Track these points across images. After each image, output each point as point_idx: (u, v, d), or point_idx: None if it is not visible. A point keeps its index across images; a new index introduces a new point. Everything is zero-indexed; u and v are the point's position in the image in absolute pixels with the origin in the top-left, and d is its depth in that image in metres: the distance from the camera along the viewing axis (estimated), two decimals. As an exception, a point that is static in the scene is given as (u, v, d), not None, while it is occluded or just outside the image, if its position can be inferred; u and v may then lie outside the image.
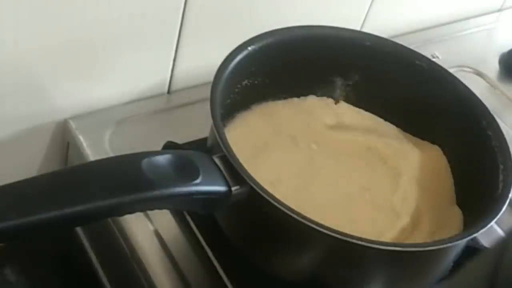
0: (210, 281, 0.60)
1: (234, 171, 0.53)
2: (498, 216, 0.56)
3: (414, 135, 0.70)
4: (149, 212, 0.63)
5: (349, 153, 0.67)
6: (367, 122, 0.71)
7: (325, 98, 0.71)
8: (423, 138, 0.70)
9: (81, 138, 0.69)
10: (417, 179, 0.66)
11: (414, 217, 0.63)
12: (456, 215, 0.64)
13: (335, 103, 0.71)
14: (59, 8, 0.61)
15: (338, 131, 0.69)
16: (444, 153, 0.69)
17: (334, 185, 0.64)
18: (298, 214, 0.52)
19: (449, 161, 0.68)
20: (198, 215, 0.62)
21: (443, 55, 0.90)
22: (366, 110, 0.71)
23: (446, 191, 0.66)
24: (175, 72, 0.74)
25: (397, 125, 0.71)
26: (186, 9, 0.69)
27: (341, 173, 0.65)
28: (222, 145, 0.54)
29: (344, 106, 0.71)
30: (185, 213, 0.63)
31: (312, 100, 0.70)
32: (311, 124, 0.68)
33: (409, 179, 0.66)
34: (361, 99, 0.71)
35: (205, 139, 0.62)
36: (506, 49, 0.94)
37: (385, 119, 0.71)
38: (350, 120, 0.70)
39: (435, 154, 0.69)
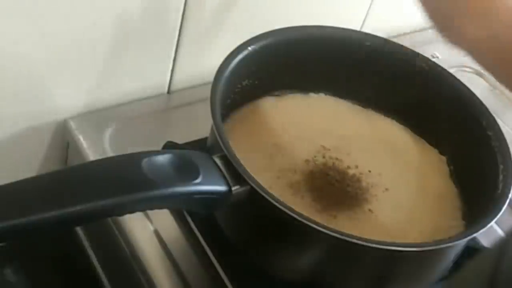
0: (210, 281, 0.60)
1: (234, 171, 0.53)
2: (498, 216, 0.56)
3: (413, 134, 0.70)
4: (149, 212, 0.63)
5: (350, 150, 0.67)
6: (367, 120, 0.71)
7: (326, 97, 0.71)
8: (423, 138, 0.70)
9: (81, 138, 0.69)
10: (415, 178, 0.67)
11: (412, 216, 0.63)
12: (454, 213, 0.64)
13: (335, 102, 0.71)
14: (59, 9, 0.61)
15: (340, 129, 0.69)
16: (444, 153, 0.69)
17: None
18: (298, 213, 0.52)
19: (449, 161, 0.68)
20: (198, 215, 0.62)
21: (443, 55, 0.90)
22: (366, 109, 0.71)
23: (445, 193, 0.67)
24: (175, 72, 0.74)
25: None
26: (186, 9, 0.69)
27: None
28: (222, 145, 0.54)
29: (344, 104, 0.71)
30: (185, 213, 0.63)
31: (313, 99, 0.70)
32: (313, 123, 0.68)
33: (407, 178, 0.66)
34: (361, 98, 0.71)
35: (205, 139, 0.62)
36: (506, 49, 0.94)
37: (385, 119, 0.71)
38: (351, 118, 0.70)
39: (433, 154, 0.69)
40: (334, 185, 0.63)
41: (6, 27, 0.59)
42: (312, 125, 0.68)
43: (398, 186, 0.66)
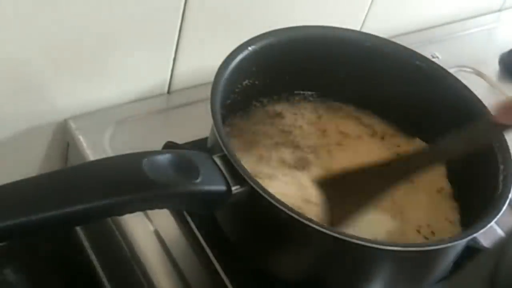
0: (210, 281, 0.60)
1: (234, 171, 0.53)
2: (498, 216, 0.56)
3: (413, 135, 0.70)
4: (149, 212, 0.63)
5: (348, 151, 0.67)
6: (366, 120, 0.71)
7: (326, 99, 0.71)
8: (423, 138, 0.70)
9: (81, 138, 0.69)
10: (414, 178, 0.67)
11: (411, 216, 0.63)
12: (454, 213, 0.64)
13: (336, 104, 0.71)
14: (59, 8, 0.61)
15: (338, 128, 0.69)
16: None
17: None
18: (298, 214, 0.52)
19: (448, 161, 0.68)
20: (198, 215, 0.62)
21: (443, 55, 0.90)
22: (366, 109, 0.71)
23: (444, 193, 0.67)
24: (175, 72, 0.74)
25: (397, 125, 0.71)
26: (186, 9, 0.69)
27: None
28: (222, 145, 0.54)
29: (343, 104, 0.71)
30: (185, 213, 0.63)
31: (313, 101, 0.70)
32: (312, 122, 0.68)
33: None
34: (361, 99, 0.71)
35: (205, 139, 0.62)
36: (506, 49, 0.95)
37: (385, 119, 0.71)
38: (349, 118, 0.70)
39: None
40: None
41: (6, 27, 0.59)
42: (311, 125, 0.68)
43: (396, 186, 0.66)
